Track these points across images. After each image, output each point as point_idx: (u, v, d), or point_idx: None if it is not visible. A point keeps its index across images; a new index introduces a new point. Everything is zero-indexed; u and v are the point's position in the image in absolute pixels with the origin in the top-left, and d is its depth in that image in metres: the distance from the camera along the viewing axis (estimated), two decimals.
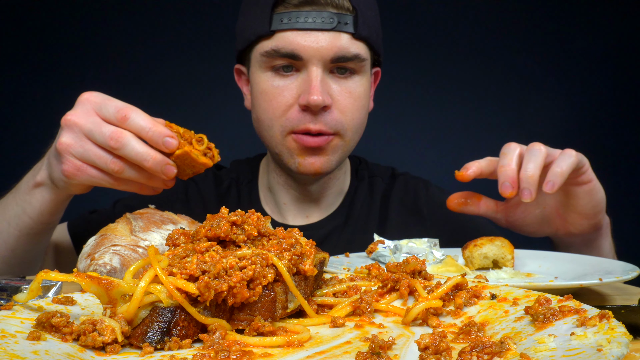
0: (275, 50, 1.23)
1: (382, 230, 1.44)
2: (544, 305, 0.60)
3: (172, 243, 0.71)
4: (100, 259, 0.85)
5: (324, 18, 1.21)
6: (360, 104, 1.30)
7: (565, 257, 1.09)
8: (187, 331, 0.59)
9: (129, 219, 0.93)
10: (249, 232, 0.69)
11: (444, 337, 0.54)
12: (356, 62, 1.26)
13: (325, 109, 1.24)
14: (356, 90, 1.29)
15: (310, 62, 1.23)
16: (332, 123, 1.26)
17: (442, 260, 1.02)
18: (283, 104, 1.26)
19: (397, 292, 0.74)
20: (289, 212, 1.47)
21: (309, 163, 1.28)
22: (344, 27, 1.22)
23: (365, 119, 1.37)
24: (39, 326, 0.57)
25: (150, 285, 0.58)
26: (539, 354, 0.50)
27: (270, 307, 0.63)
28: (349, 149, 1.35)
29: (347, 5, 1.23)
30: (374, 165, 1.59)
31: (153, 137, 0.92)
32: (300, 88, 1.24)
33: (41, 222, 1.09)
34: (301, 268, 0.68)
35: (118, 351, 0.56)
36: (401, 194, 1.52)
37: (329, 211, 1.48)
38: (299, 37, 1.22)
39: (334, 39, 1.22)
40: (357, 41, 1.26)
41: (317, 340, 0.61)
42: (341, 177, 1.49)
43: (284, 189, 1.45)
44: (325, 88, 1.24)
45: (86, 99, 0.95)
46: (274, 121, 1.28)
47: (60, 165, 0.96)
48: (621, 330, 0.51)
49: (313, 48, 1.21)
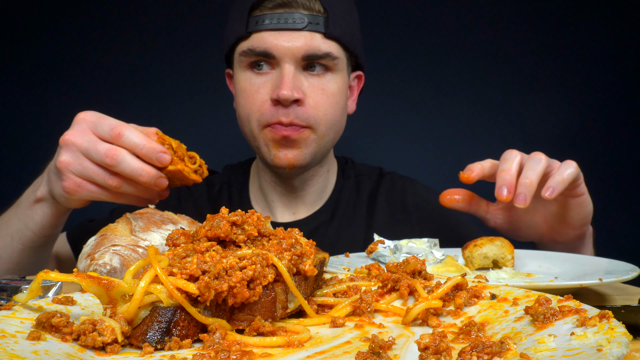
0: (250, 50, 1.33)
1: (368, 227, 1.49)
2: (544, 305, 0.60)
3: (172, 243, 0.71)
4: (100, 259, 0.85)
5: (295, 19, 1.30)
6: (333, 101, 1.37)
7: (565, 257, 1.09)
8: (187, 331, 0.59)
9: (129, 219, 0.93)
10: (249, 232, 0.69)
11: (444, 337, 0.54)
12: (328, 60, 1.34)
13: (298, 103, 1.32)
14: (329, 87, 1.36)
15: (282, 60, 1.31)
16: (303, 116, 1.33)
17: (442, 260, 1.02)
18: (259, 100, 1.34)
19: (397, 292, 0.74)
20: (278, 209, 1.54)
21: (283, 155, 1.36)
22: (315, 27, 1.31)
23: (341, 117, 1.43)
24: (39, 326, 0.57)
25: (150, 285, 0.58)
26: (539, 354, 0.50)
27: (270, 307, 0.64)
28: (324, 144, 1.40)
29: (319, 7, 1.32)
30: (361, 165, 1.66)
31: (147, 154, 0.97)
32: (274, 84, 1.33)
33: (43, 235, 1.14)
34: (301, 268, 0.68)
35: (118, 351, 0.56)
36: (388, 192, 1.57)
37: (315, 208, 1.54)
38: (272, 37, 1.31)
39: (305, 38, 1.31)
40: (329, 40, 1.34)
41: (317, 340, 0.61)
42: (324, 175, 1.54)
43: (271, 186, 1.52)
44: (297, 84, 1.31)
45: (82, 119, 1.00)
46: (251, 116, 1.37)
47: (60, 182, 1.01)
48: (621, 330, 0.51)
49: (285, 47, 1.30)
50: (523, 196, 1.00)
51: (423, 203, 1.54)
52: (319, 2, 1.32)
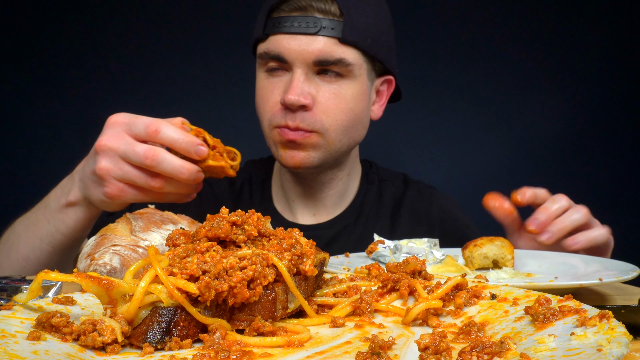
0: (266, 52, 1.33)
1: (391, 235, 1.45)
2: (544, 305, 0.60)
3: (172, 243, 0.71)
4: (100, 259, 0.85)
5: (308, 22, 1.27)
6: (345, 107, 1.33)
7: (565, 257, 1.09)
8: (188, 331, 0.59)
9: (129, 219, 0.93)
10: (249, 232, 0.69)
11: (444, 337, 0.54)
12: (340, 66, 1.30)
13: (305, 108, 1.30)
14: (342, 93, 1.32)
15: (294, 64, 1.30)
16: (310, 121, 1.31)
17: (442, 260, 1.02)
18: (271, 101, 1.34)
19: (397, 292, 0.74)
20: (298, 209, 1.53)
21: (289, 156, 1.35)
22: (330, 32, 1.27)
23: (357, 123, 1.39)
24: (39, 326, 0.57)
25: (150, 285, 0.58)
26: (539, 354, 0.50)
27: (270, 307, 0.64)
28: (335, 150, 1.37)
29: (335, 10, 1.28)
30: (384, 169, 1.64)
31: (187, 148, 0.97)
32: (285, 87, 1.32)
33: (74, 237, 1.15)
34: (301, 268, 0.68)
35: (118, 351, 0.56)
36: (413, 201, 1.56)
37: (337, 211, 1.53)
38: (285, 41, 1.29)
39: (317, 43, 1.28)
40: (344, 46, 1.29)
41: (317, 340, 0.61)
42: (344, 179, 1.52)
43: (291, 185, 1.52)
44: (306, 89, 1.29)
45: (114, 122, 1.00)
46: (264, 116, 1.37)
47: (102, 188, 1.01)
48: (621, 330, 0.51)
49: (296, 51, 1.28)
50: (549, 235, 1.10)
51: (448, 217, 1.53)
52: (337, 5, 1.28)
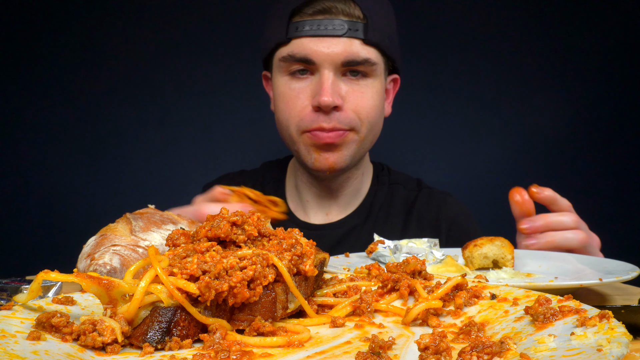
0: (290, 55, 1.34)
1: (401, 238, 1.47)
2: (544, 305, 0.60)
3: (172, 243, 0.71)
4: (100, 259, 0.85)
5: (335, 25, 1.31)
6: (373, 104, 1.38)
7: (565, 257, 1.09)
8: (188, 331, 0.59)
9: (129, 219, 0.93)
10: (249, 232, 0.69)
11: (444, 337, 0.54)
12: (366, 65, 1.35)
13: (337, 109, 1.33)
14: (368, 92, 1.37)
15: (322, 66, 1.32)
16: (345, 121, 1.35)
17: (442, 260, 1.02)
18: (299, 106, 1.36)
19: (397, 292, 0.74)
20: (311, 209, 1.56)
21: (323, 159, 1.38)
22: (354, 33, 1.32)
23: (380, 120, 1.45)
24: (39, 326, 0.57)
25: (150, 285, 0.58)
26: (539, 354, 0.50)
27: (270, 307, 0.64)
28: (363, 146, 1.42)
29: (358, 13, 1.33)
30: (398, 173, 1.66)
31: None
32: (313, 90, 1.34)
33: None
34: (301, 268, 0.68)
35: (118, 351, 0.56)
36: (423, 207, 1.57)
37: (348, 210, 1.56)
38: (312, 43, 1.32)
39: (344, 45, 1.32)
40: (368, 46, 1.35)
41: (317, 340, 0.61)
42: (359, 177, 1.56)
43: (306, 186, 1.55)
44: (337, 90, 1.33)
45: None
46: (290, 121, 1.38)
47: None
48: (621, 330, 0.51)
49: (325, 53, 1.31)
50: (535, 242, 1.12)
51: (455, 224, 1.54)
52: (359, 8, 1.32)
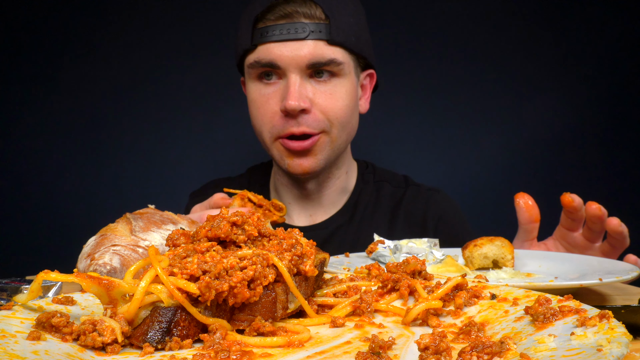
0: (257, 62, 1.36)
1: (389, 236, 1.47)
2: (544, 305, 0.60)
3: (172, 243, 0.71)
4: (100, 259, 0.85)
5: (297, 28, 1.32)
6: (342, 104, 1.38)
7: (565, 257, 1.09)
8: (188, 331, 0.59)
9: (129, 219, 0.93)
10: (249, 232, 0.69)
11: (444, 337, 0.54)
12: (333, 66, 1.35)
13: (305, 112, 1.34)
14: (337, 92, 1.37)
15: (288, 70, 1.33)
16: (314, 124, 1.35)
17: (442, 260, 1.02)
18: (269, 111, 1.37)
19: (397, 292, 0.74)
20: (294, 212, 1.55)
21: (297, 164, 1.39)
22: (318, 35, 1.33)
23: (353, 119, 1.44)
24: (39, 326, 0.57)
25: (150, 285, 0.58)
26: (539, 354, 0.50)
27: (270, 307, 0.64)
28: (337, 147, 1.42)
29: (320, 14, 1.34)
30: (383, 170, 1.66)
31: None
32: (282, 95, 1.35)
33: None
34: (302, 268, 0.68)
35: (118, 351, 0.56)
36: (410, 203, 1.57)
37: (333, 211, 1.55)
38: (276, 48, 1.33)
39: (309, 47, 1.32)
40: (333, 47, 1.35)
41: (317, 340, 0.61)
42: (342, 177, 1.54)
43: (287, 188, 1.54)
44: (303, 93, 1.33)
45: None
46: (263, 127, 1.40)
47: None
48: (621, 330, 0.51)
49: (289, 57, 1.32)
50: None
51: (442, 220, 1.54)
52: (321, 9, 1.33)
